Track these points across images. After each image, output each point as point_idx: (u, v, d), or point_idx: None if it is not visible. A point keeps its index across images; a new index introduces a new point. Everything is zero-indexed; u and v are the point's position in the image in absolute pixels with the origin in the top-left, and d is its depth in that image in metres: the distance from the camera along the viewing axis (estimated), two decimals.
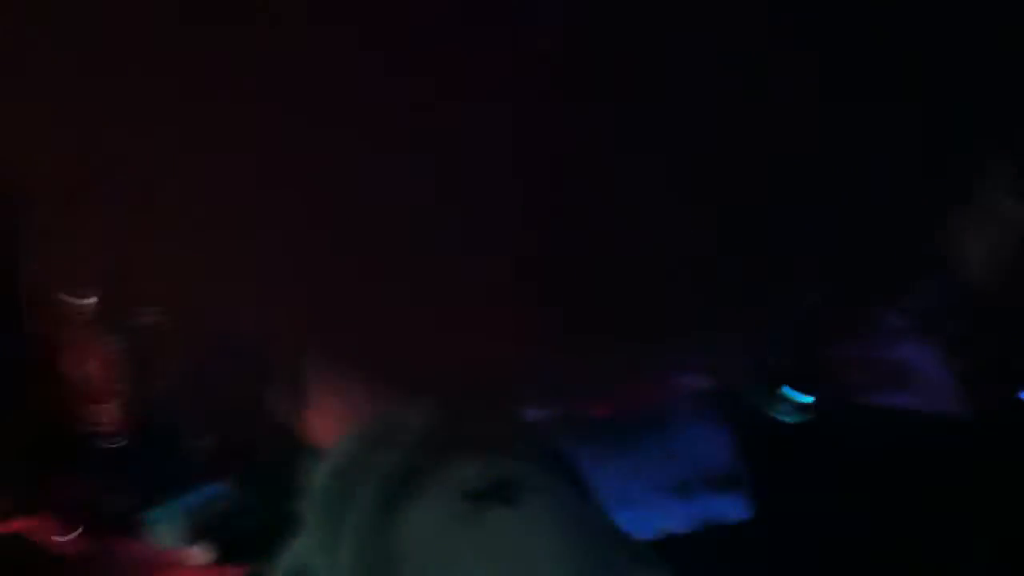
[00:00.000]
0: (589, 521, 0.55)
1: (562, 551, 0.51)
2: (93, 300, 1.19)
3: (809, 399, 1.03)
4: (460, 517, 0.54)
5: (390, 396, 0.66)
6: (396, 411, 0.61)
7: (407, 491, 0.56)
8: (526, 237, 0.48)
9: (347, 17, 0.42)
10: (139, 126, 0.48)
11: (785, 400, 1.03)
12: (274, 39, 0.42)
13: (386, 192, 0.47)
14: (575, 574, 0.50)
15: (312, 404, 0.73)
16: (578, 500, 0.59)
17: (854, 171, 0.49)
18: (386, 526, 0.55)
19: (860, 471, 0.94)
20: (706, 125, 0.45)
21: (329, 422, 0.68)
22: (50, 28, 0.46)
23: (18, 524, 1.09)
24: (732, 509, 0.88)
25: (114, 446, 1.19)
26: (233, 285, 0.60)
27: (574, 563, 0.51)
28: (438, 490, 0.55)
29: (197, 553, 0.93)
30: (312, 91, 0.44)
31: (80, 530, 1.03)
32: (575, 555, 0.51)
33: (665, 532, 0.83)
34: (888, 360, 1.13)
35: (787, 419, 1.02)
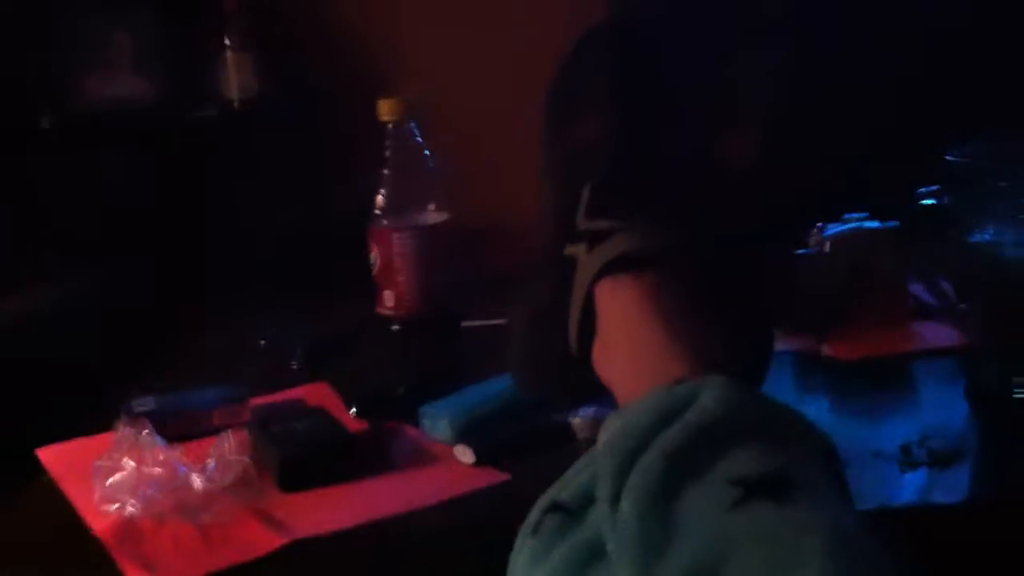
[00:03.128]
0: (847, 529, 0.55)
1: (819, 558, 0.52)
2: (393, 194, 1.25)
3: None
4: (732, 505, 0.55)
5: (690, 366, 0.68)
6: (692, 384, 0.62)
7: (685, 468, 0.58)
8: None
9: None
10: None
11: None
12: None
13: None
14: None
15: (617, 355, 0.75)
16: (839, 503, 0.59)
17: None
18: (663, 497, 0.57)
19: None
20: None
21: (630, 379, 0.69)
22: None
23: (303, 390, 1.17)
24: (955, 485, 0.85)
25: (399, 332, 1.25)
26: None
27: (829, 572, 0.51)
28: (713, 473, 0.57)
29: (464, 450, 0.97)
30: None
31: (357, 408, 1.10)
32: (831, 565, 0.51)
33: (879, 501, 0.81)
34: None
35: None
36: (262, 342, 1.32)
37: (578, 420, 0.96)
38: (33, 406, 1.09)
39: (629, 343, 0.74)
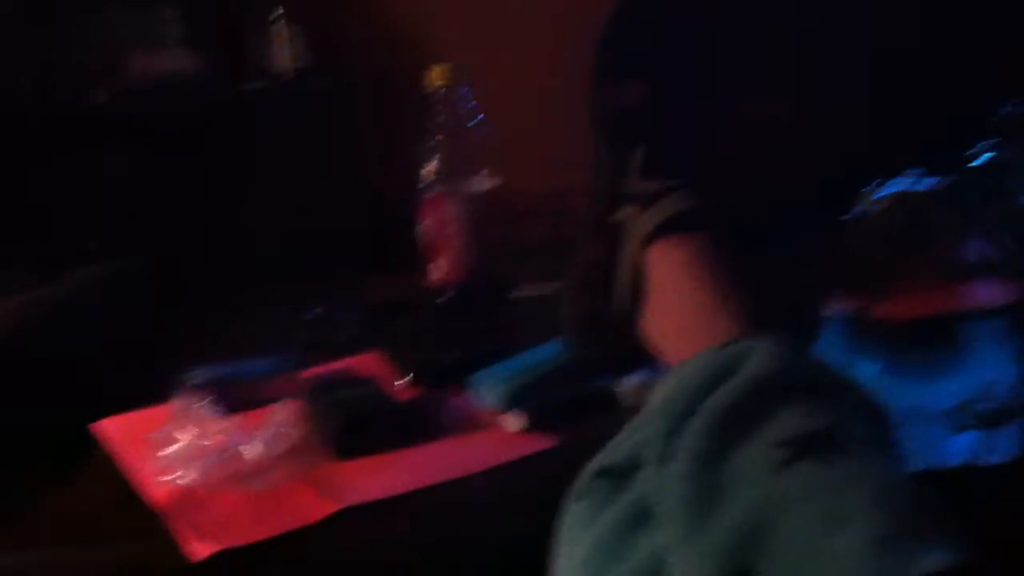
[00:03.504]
0: (896, 484, 0.55)
1: (868, 513, 0.52)
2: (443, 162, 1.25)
3: None
4: (781, 465, 0.55)
5: (740, 328, 0.68)
6: (742, 345, 0.62)
7: (734, 430, 0.58)
8: None
9: None
10: None
11: None
12: None
13: None
14: (878, 538, 0.51)
15: (667, 317, 0.75)
16: (887, 461, 0.58)
17: None
18: (712, 458, 0.57)
19: None
20: None
21: (680, 341, 0.70)
22: None
23: (355, 359, 1.18)
24: (1004, 446, 0.83)
25: (449, 301, 1.26)
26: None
27: (878, 526, 0.51)
28: (761, 433, 0.57)
29: (513, 417, 0.98)
30: None
31: (410, 375, 1.11)
32: (880, 518, 0.51)
33: (933, 462, 0.80)
34: None
35: None
36: (315, 312, 1.33)
37: (625, 386, 0.96)
38: (90, 381, 1.12)
39: (679, 305, 0.74)
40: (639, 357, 0.81)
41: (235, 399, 1.05)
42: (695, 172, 0.79)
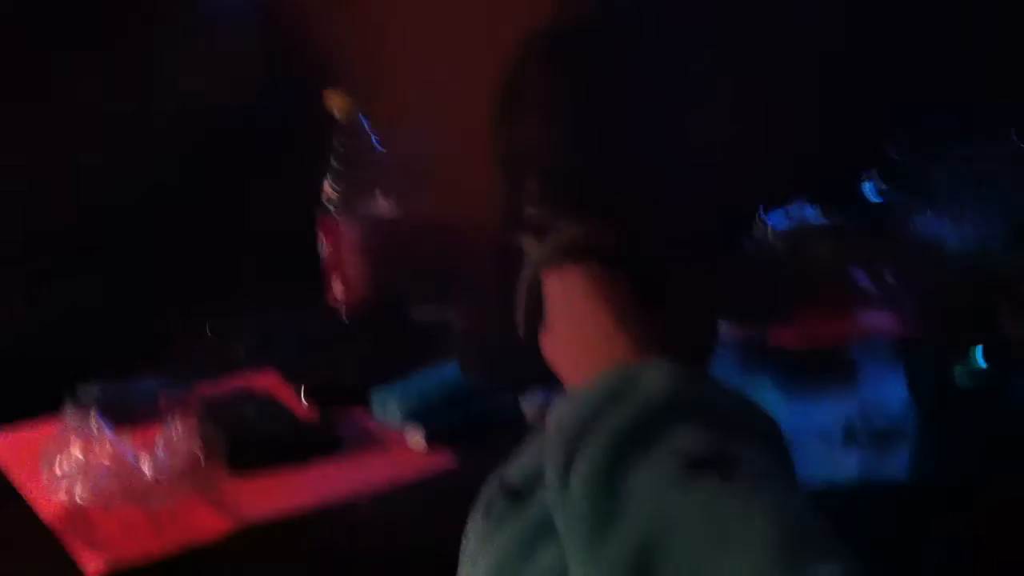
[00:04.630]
0: (792, 506, 0.57)
1: (760, 533, 0.53)
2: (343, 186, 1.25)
3: (986, 365, 1.00)
4: (677, 482, 0.56)
5: (635, 352, 0.69)
6: (637, 367, 0.64)
7: (630, 450, 0.59)
8: None
9: None
10: None
11: (967, 361, 1.00)
12: None
13: None
14: (771, 558, 0.52)
15: (565, 342, 0.77)
16: (780, 481, 0.60)
17: None
18: (609, 477, 0.59)
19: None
20: None
21: (578, 364, 0.71)
22: None
23: (251, 377, 1.17)
24: (894, 466, 0.87)
25: (348, 320, 1.25)
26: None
27: (770, 547, 0.53)
28: (657, 453, 0.58)
29: (414, 435, 0.98)
30: None
31: (307, 393, 1.10)
32: (772, 539, 0.53)
33: (824, 480, 0.83)
34: None
35: (964, 382, 1.00)
36: (209, 330, 1.32)
37: (528, 405, 0.97)
38: None
39: (578, 330, 0.75)
40: (540, 378, 0.82)
41: (128, 415, 1.03)
42: (592, 203, 0.80)
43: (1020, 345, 1.05)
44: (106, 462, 0.93)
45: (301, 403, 1.08)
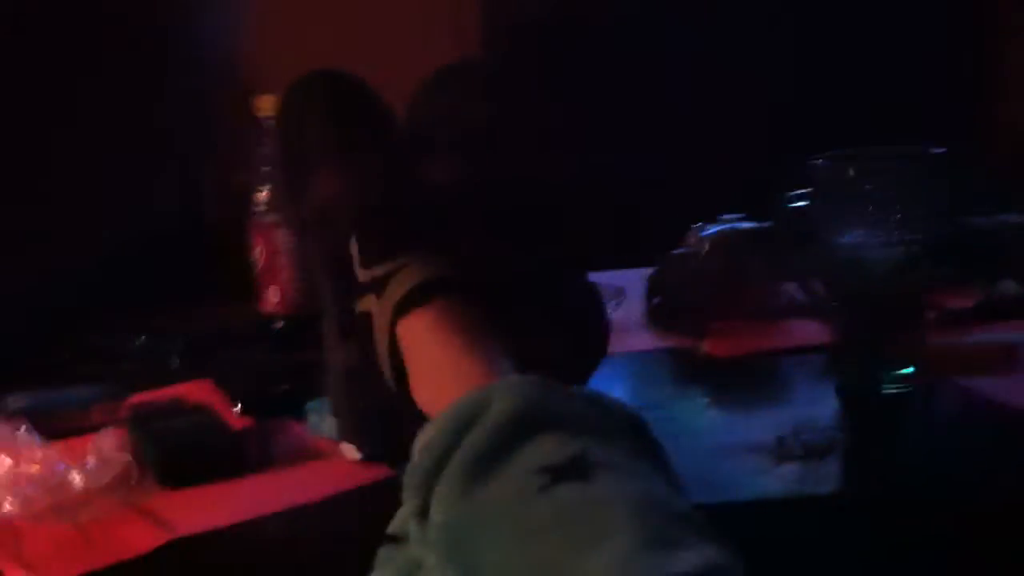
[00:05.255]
0: (657, 498, 0.57)
1: (620, 529, 0.54)
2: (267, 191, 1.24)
3: (910, 372, 1.02)
4: (535, 491, 0.57)
5: (487, 377, 0.70)
6: (486, 389, 0.65)
7: (488, 469, 0.60)
8: None
9: None
10: None
11: (890, 371, 1.02)
12: None
13: None
14: (635, 550, 0.53)
15: (425, 384, 0.77)
16: (650, 477, 0.61)
17: None
18: (469, 500, 0.59)
19: (955, 452, 0.93)
20: None
21: (438, 401, 0.71)
22: None
23: (184, 387, 1.16)
24: (827, 478, 0.89)
25: (281, 329, 1.25)
26: None
27: (630, 541, 0.53)
28: (517, 469, 0.59)
29: (347, 448, 0.98)
30: None
31: (240, 405, 1.09)
32: (632, 533, 0.53)
33: (755, 493, 0.85)
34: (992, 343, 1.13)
35: (890, 390, 1.02)
36: (142, 339, 1.30)
37: None
38: None
39: (434, 368, 0.77)
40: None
41: (56, 427, 1.02)
42: (415, 247, 0.82)
43: (942, 354, 1.07)
44: (35, 474, 0.92)
45: (234, 414, 1.08)
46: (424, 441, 0.65)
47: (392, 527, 0.68)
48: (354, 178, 0.87)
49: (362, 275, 0.83)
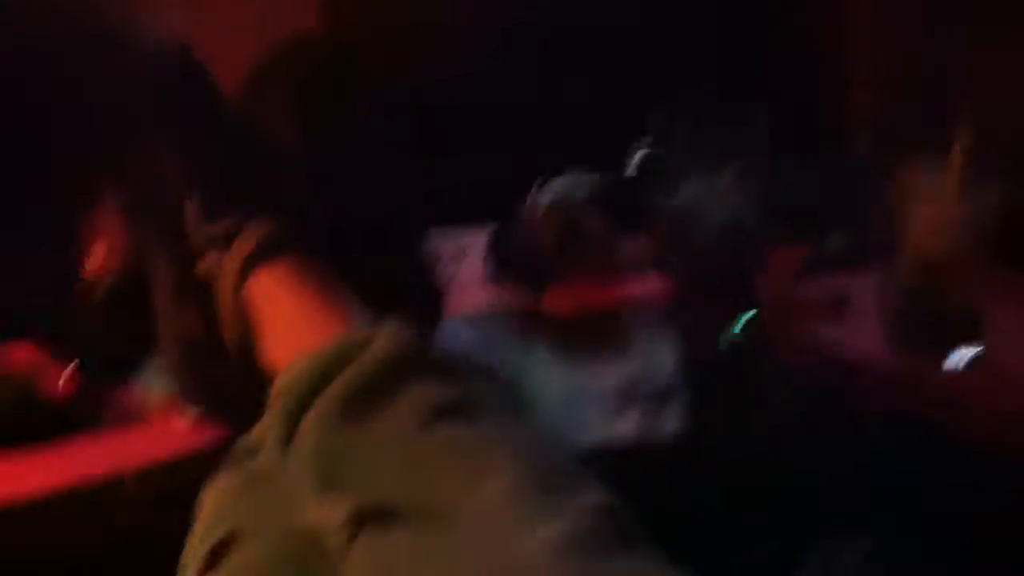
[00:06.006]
0: (540, 444, 0.58)
1: (517, 464, 0.54)
2: None
3: (751, 318, 1.05)
4: (420, 426, 0.57)
5: (342, 325, 0.69)
6: (365, 332, 0.64)
7: (371, 400, 0.59)
8: None
9: None
10: None
11: (733, 320, 1.05)
12: None
13: None
14: (520, 487, 0.53)
15: (276, 339, 0.76)
16: (519, 425, 0.62)
17: None
18: (349, 427, 0.58)
19: (793, 398, 0.96)
20: None
21: (292, 354, 0.70)
22: None
23: (14, 350, 1.10)
24: (668, 423, 0.91)
25: (110, 292, 1.20)
26: None
27: (522, 477, 0.54)
28: (401, 403, 0.59)
29: (181, 411, 0.95)
30: None
31: (71, 370, 1.04)
32: (528, 470, 0.54)
33: (601, 441, 0.86)
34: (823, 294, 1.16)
35: (732, 338, 1.04)
36: None
37: None
38: None
39: (287, 323, 0.75)
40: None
41: None
42: (262, 200, 0.80)
43: (775, 313, 1.10)
44: None
45: (63, 378, 1.03)
46: (288, 379, 0.63)
47: (239, 443, 0.66)
48: (194, 143, 0.84)
49: (205, 232, 0.80)
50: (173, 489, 0.86)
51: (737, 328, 1.05)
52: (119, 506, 0.84)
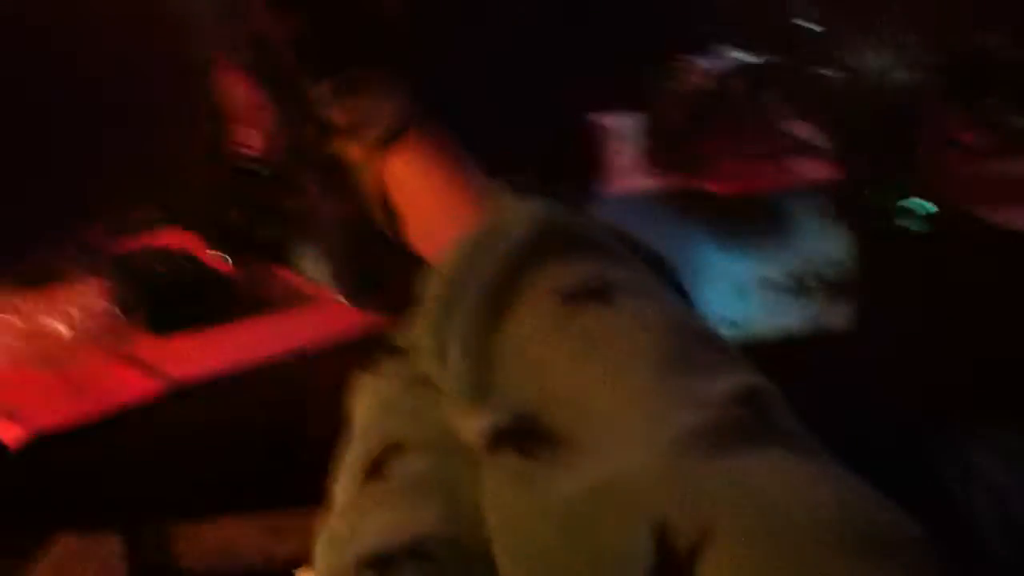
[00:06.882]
0: (681, 322, 0.55)
1: (651, 349, 0.52)
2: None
3: (932, 209, 0.99)
4: (556, 319, 0.55)
5: (474, 204, 0.67)
6: (497, 215, 0.62)
7: (506, 297, 0.57)
8: None
9: None
10: None
11: (909, 207, 0.99)
12: None
13: None
14: (661, 371, 0.50)
15: (421, 220, 0.74)
16: (672, 302, 0.59)
17: None
18: (489, 330, 0.57)
19: (975, 291, 0.91)
20: None
21: (436, 236, 0.68)
22: None
23: (168, 237, 1.12)
24: (840, 314, 0.87)
25: (267, 174, 1.20)
26: None
27: (661, 360, 0.51)
28: (537, 293, 0.57)
29: (339, 292, 0.95)
30: None
31: (230, 252, 1.05)
32: (662, 354, 0.52)
33: (773, 328, 0.83)
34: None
35: (910, 226, 0.99)
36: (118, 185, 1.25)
37: None
38: None
39: (430, 203, 0.73)
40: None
41: (39, 276, 0.98)
42: (392, 85, 0.77)
43: (955, 185, 1.04)
44: (17, 323, 0.89)
45: (222, 260, 1.04)
46: (437, 275, 0.62)
47: (398, 340, 0.66)
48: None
49: (335, 116, 0.79)
50: (338, 371, 0.86)
51: (913, 207, 1.00)
52: (286, 388, 0.85)
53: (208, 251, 1.06)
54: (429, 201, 0.72)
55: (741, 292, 0.84)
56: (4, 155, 1.16)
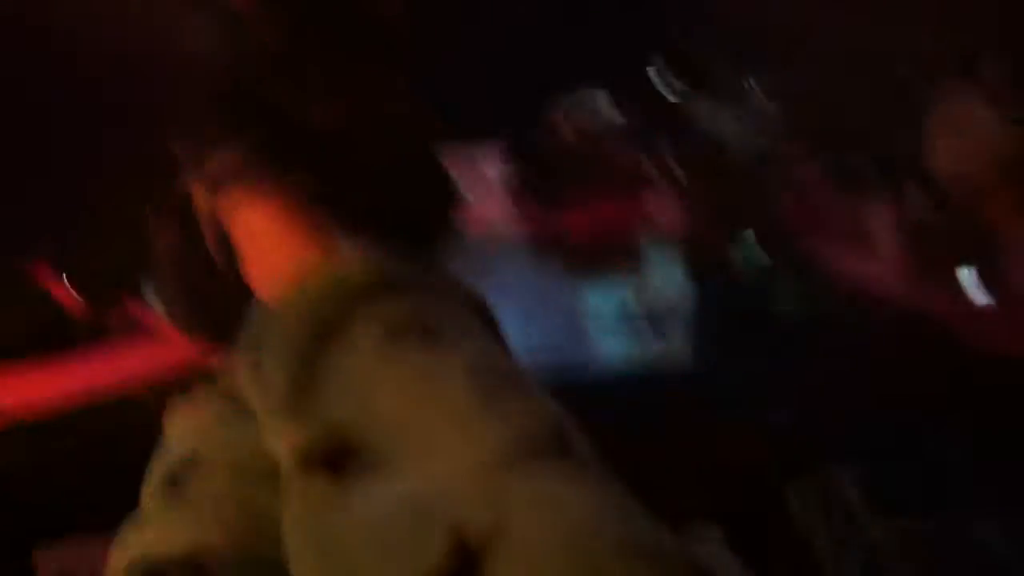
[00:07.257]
0: (494, 358, 0.58)
1: (466, 382, 0.55)
2: None
3: (768, 260, 1.03)
4: (382, 348, 0.57)
5: (314, 246, 0.69)
6: (334, 263, 0.63)
7: (336, 324, 0.59)
8: None
9: None
10: None
11: (748, 248, 1.03)
12: None
13: None
14: (479, 405, 0.54)
15: (260, 264, 0.75)
16: (489, 341, 0.61)
17: None
18: (312, 351, 0.58)
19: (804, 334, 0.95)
20: None
21: (275, 278, 0.69)
22: None
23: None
24: (675, 352, 0.90)
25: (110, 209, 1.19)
26: None
27: (476, 388, 0.54)
28: (361, 329, 0.59)
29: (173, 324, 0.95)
30: None
31: (74, 284, 1.05)
32: (475, 387, 0.55)
33: (607, 367, 0.85)
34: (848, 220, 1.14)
35: (748, 267, 1.03)
36: None
37: None
38: None
39: (257, 248, 0.74)
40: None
41: None
42: (234, 136, 0.79)
43: (789, 236, 1.08)
44: None
45: (67, 292, 1.03)
46: (258, 315, 0.63)
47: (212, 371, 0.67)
48: None
49: (181, 153, 0.79)
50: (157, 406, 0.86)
51: (749, 247, 1.03)
52: (126, 416, 0.84)
53: (55, 280, 1.05)
54: (267, 245, 0.73)
55: (579, 324, 0.86)
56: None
